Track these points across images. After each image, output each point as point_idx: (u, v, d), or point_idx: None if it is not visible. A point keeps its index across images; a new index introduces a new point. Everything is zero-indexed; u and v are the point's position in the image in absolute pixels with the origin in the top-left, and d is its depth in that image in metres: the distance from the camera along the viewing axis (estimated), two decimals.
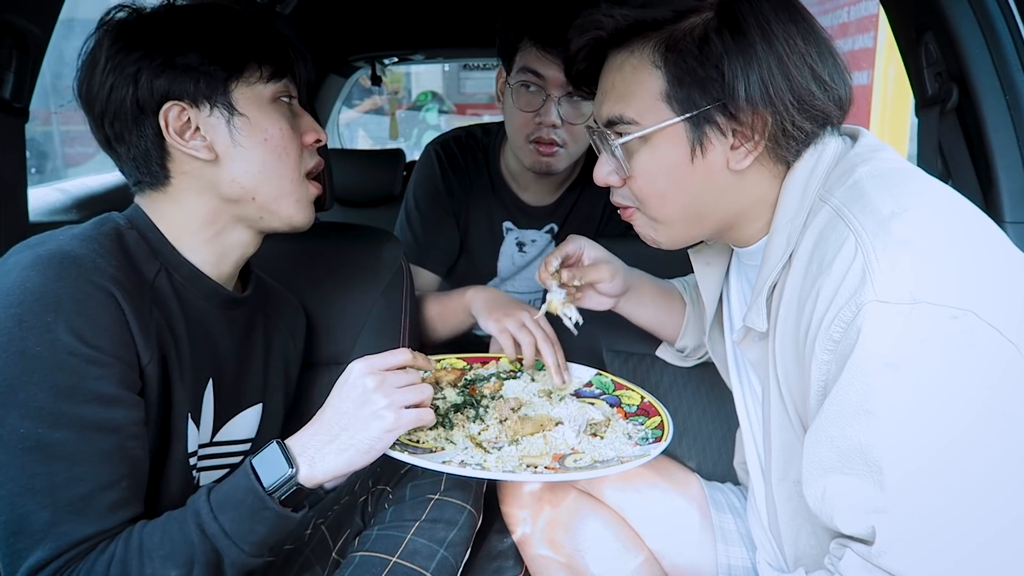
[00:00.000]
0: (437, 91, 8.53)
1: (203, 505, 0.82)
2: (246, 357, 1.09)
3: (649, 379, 1.37)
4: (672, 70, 0.82)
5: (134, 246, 0.90)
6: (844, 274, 0.72)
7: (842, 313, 0.71)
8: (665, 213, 0.89)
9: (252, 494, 0.82)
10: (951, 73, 1.26)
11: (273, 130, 0.95)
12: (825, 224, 0.79)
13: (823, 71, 0.81)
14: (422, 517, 1.00)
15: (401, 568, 0.96)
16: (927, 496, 0.68)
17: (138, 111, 0.89)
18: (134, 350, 0.83)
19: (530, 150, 1.55)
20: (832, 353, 0.73)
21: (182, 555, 0.80)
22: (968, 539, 0.68)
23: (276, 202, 0.97)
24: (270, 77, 0.95)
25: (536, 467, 0.97)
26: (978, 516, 0.67)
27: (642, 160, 0.87)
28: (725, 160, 0.84)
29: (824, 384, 0.75)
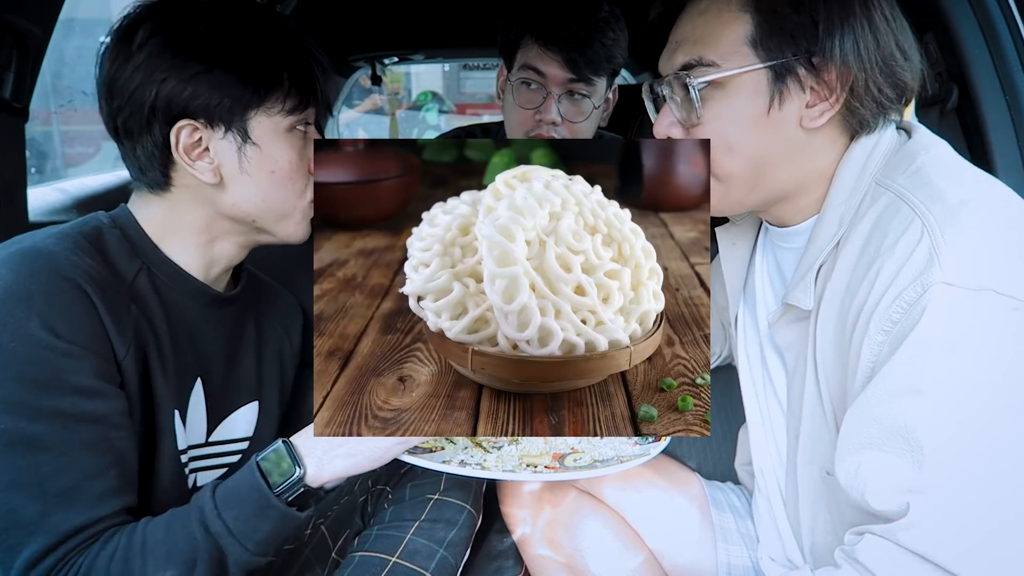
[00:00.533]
0: (437, 91, 8.52)
1: (207, 502, 0.82)
2: (237, 355, 1.08)
3: None
4: (763, 14, 0.81)
5: (114, 245, 0.90)
6: (908, 256, 0.72)
7: (905, 294, 0.71)
8: (729, 168, 0.86)
9: (257, 492, 0.82)
10: (951, 73, 1.26)
11: (283, 162, 0.93)
12: (885, 208, 0.78)
13: (904, 42, 0.82)
14: (422, 517, 1.00)
15: (401, 568, 0.96)
16: (964, 480, 0.69)
17: (153, 116, 0.88)
18: (108, 343, 0.83)
19: None
20: (887, 334, 0.73)
21: (185, 552, 0.79)
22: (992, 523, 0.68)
23: (275, 224, 0.97)
24: (292, 109, 0.93)
25: (536, 467, 0.97)
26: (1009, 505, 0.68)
27: (716, 107, 0.84)
28: (799, 117, 0.83)
29: (873, 365, 0.75)
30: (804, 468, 0.91)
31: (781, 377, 0.98)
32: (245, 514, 0.81)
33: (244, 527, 0.81)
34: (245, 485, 0.83)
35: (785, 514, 0.99)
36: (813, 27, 0.79)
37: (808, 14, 0.80)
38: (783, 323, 0.92)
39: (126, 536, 0.80)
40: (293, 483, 0.83)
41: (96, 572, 0.76)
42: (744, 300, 1.08)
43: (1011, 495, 0.68)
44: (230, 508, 0.81)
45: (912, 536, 0.69)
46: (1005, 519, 0.68)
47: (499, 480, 1.18)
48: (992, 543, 0.68)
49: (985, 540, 0.68)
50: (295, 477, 0.83)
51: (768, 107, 0.82)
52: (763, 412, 1.03)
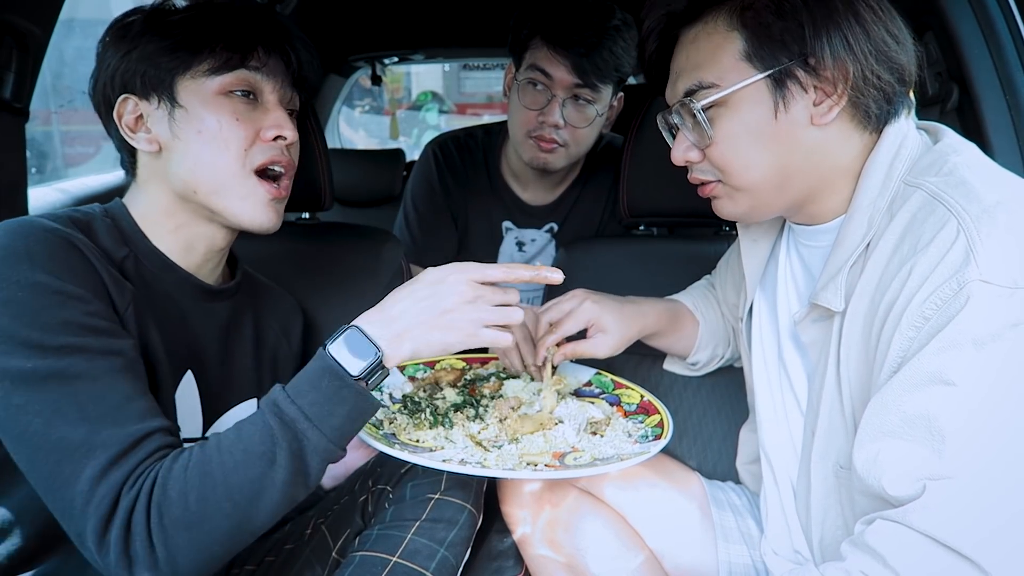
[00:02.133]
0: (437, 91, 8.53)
1: (279, 394, 0.80)
2: (233, 351, 1.09)
3: (649, 379, 1.37)
4: (751, 28, 0.84)
5: (103, 230, 0.92)
6: (944, 254, 0.73)
7: (940, 290, 0.72)
8: (749, 179, 0.89)
9: (329, 375, 0.81)
10: (951, 73, 1.26)
11: (210, 122, 0.94)
12: (919, 207, 0.80)
13: (894, 27, 0.84)
14: (422, 517, 1.00)
15: (401, 568, 0.96)
16: (983, 469, 0.70)
17: (108, 105, 0.95)
18: (108, 295, 0.84)
19: (530, 145, 1.55)
20: (918, 330, 0.74)
21: (263, 445, 0.77)
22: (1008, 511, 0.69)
23: (217, 196, 0.96)
24: (214, 70, 0.94)
25: (536, 465, 0.97)
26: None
27: (725, 124, 0.87)
28: (809, 116, 0.85)
29: (901, 359, 0.76)
30: (818, 463, 0.91)
31: (800, 374, 0.99)
32: (321, 399, 0.80)
33: (320, 411, 0.79)
34: (316, 372, 0.81)
35: (795, 508, 0.99)
36: (800, 31, 0.82)
37: (794, 19, 0.82)
38: (808, 321, 0.93)
39: (197, 448, 0.78)
40: (373, 365, 0.82)
41: (174, 480, 0.74)
42: (763, 296, 1.08)
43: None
44: (304, 395, 0.80)
45: (924, 518, 0.70)
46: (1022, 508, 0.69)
47: (499, 478, 1.18)
48: (1010, 531, 0.69)
49: (1004, 528, 0.69)
50: (374, 359, 0.82)
51: (775, 112, 0.84)
52: (778, 408, 1.04)
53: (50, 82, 3.82)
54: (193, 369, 1.00)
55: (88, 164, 4.76)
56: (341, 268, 1.43)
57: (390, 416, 1.10)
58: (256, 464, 0.77)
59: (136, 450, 0.76)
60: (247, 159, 0.96)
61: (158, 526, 0.73)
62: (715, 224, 1.56)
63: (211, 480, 0.75)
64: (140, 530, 0.73)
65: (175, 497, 0.74)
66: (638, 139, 1.47)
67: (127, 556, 0.73)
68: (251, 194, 0.97)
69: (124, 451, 0.75)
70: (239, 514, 0.76)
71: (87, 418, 0.75)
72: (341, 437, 0.82)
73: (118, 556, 0.72)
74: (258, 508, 0.77)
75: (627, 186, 1.48)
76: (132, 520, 0.73)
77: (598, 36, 1.44)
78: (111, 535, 0.72)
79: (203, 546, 0.75)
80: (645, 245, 1.55)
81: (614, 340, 1.14)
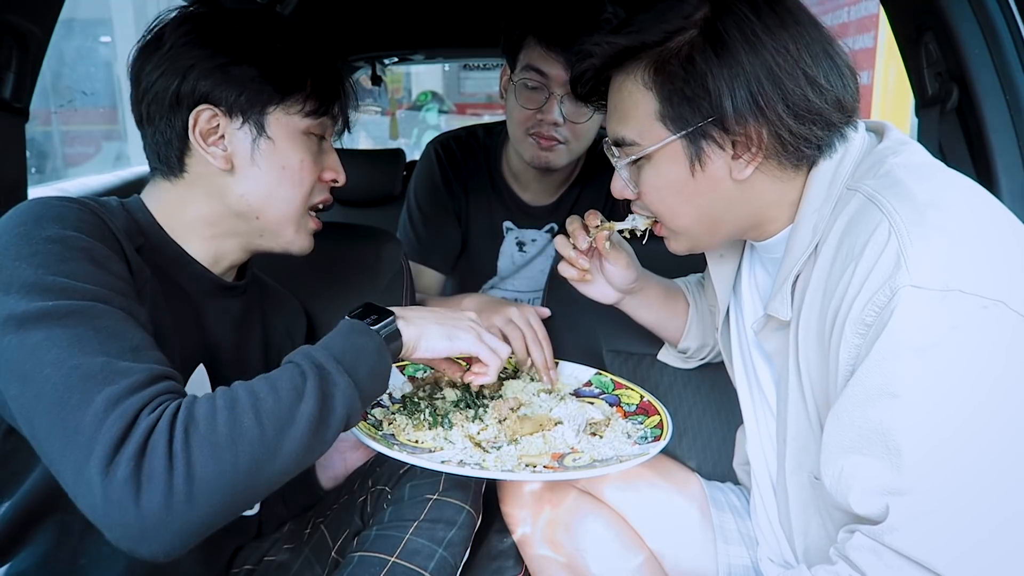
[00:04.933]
0: (437, 91, 8.53)
1: (307, 347, 0.81)
2: (245, 349, 1.09)
3: (649, 379, 1.37)
4: (662, 91, 0.84)
5: (119, 220, 0.92)
6: (877, 258, 0.72)
7: (876, 297, 0.71)
8: (679, 225, 0.92)
9: (354, 330, 0.85)
10: (951, 73, 1.26)
11: (294, 160, 0.97)
12: (856, 210, 0.79)
13: (818, 74, 0.80)
14: (421, 517, 1.00)
15: (400, 568, 0.96)
16: (943, 481, 0.69)
17: (175, 102, 0.93)
18: (127, 261, 0.86)
19: (530, 143, 1.55)
20: (863, 337, 0.73)
21: (292, 380, 0.76)
22: (978, 525, 0.68)
23: (278, 226, 1.00)
24: (310, 112, 0.98)
25: (535, 466, 0.97)
26: (990, 503, 0.68)
27: (648, 177, 0.90)
28: (728, 171, 0.85)
29: (852, 368, 0.75)
30: (793, 473, 0.91)
31: (770, 383, 0.99)
32: (349, 348, 0.82)
33: (349, 360, 0.81)
34: (342, 329, 0.85)
35: (778, 517, 0.99)
36: (707, 94, 0.80)
37: (700, 83, 0.80)
38: (767, 332, 0.93)
39: (220, 390, 0.75)
40: (389, 321, 0.89)
41: (199, 405, 0.71)
42: (736, 306, 1.09)
43: (1000, 497, 0.68)
44: (334, 345, 0.82)
45: (897, 539, 0.69)
46: (995, 523, 0.68)
47: (498, 480, 1.18)
48: (985, 548, 0.68)
49: (979, 545, 0.68)
50: (391, 320, 0.89)
51: (691, 170, 0.85)
52: (756, 416, 1.04)
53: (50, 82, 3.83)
54: (205, 362, 1.00)
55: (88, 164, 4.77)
56: (341, 268, 1.43)
57: (389, 417, 1.10)
58: (286, 396, 0.75)
59: (157, 384, 0.72)
60: (311, 197, 1.02)
61: (182, 442, 0.68)
62: None
63: (241, 405, 0.72)
64: (160, 446, 0.67)
65: (202, 417, 0.70)
66: None
67: (136, 479, 0.65)
68: (304, 227, 1.03)
69: (145, 382, 0.71)
70: (265, 445, 0.72)
71: (107, 351, 0.72)
72: (365, 389, 0.82)
73: (126, 477, 0.65)
74: (283, 444, 0.73)
75: None
76: (152, 436, 0.67)
77: (591, 31, 1.44)
78: (123, 454, 0.66)
79: (224, 474, 0.69)
80: (645, 245, 1.55)
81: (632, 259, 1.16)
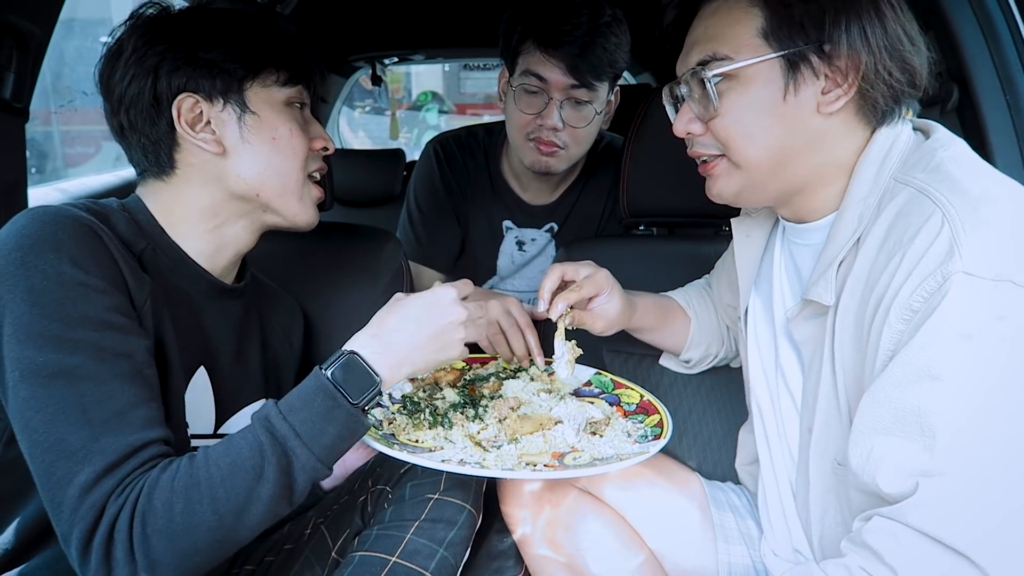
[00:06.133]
0: (437, 91, 8.53)
1: (271, 410, 0.82)
2: (245, 351, 1.09)
3: (649, 379, 1.37)
4: (772, 7, 0.84)
5: (122, 223, 0.93)
6: (928, 246, 0.74)
7: (926, 283, 0.73)
8: (750, 155, 0.89)
9: (323, 394, 0.82)
10: (951, 73, 1.26)
11: (283, 130, 0.99)
12: (906, 202, 0.81)
13: (911, 30, 0.85)
14: (422, 517, 1.00)
15: (401, 568, 0.96)
16: (974, 465, 0.70)
17: (154, 102, 0.94)
18: (125, 285, 0.85)
19: (530, 148, 1.55)
20: (907, 323, 0.75)
21: (251, 459, 0.78)
22: (1004, 506, 0.70)
23: (280, 199, 1.01)
24: (286, 82, 1.00)
25: (535, 465, 0.97)
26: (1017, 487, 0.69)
27: (733, 98, 0.88)
28: (816, 103, 0.85)
29: (892, 352, 0.76)
30: (816, 460, 0.92)
31: (795, 371, 0.99)
32: (312, 417, 0.81)
33: (310, 430, 0.80)
34: (311, 390, 0.83)
35: (795, 506, 0.99)
36: (821, 16, 0.82)
37: (816, 4, 0.82)
38: (800, 319, 0.93)
39: (187, 459, 0.78)
40: (374, 392, 0.86)
41: (160, 491, 0.75)
42: (757, 295, 1.08)
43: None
44: (296, 413, 0.81)
45: (919, 516, 0.70)
46: (1019, 505, 0.69)
47: (498, 479, 1.18)
48: (1008, 529, 0.69)
49: (1001, 525, 0.69)
50: (375, 386, 0.85)
51: (784, 94, 0.85)
52: (775, 406, 1.04)
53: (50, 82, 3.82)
54: (206, 365, 1.01)
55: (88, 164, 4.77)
56: (341, 268, 1.44)
57: (389, 416, 1.10)
58: (243, 478, 0.77)
59: (130, 460, 0.77)
60: (307, 166, 1.03)
61: (140, 535, 0.74)
62: (715, 224, 1.56)
63: (197, 492, 0.76)
64: (122, 538, 0.74)
65: (160, 507, 0.75)
66: (638, 139, 1.46)
67: (107, 565, 0.73)
68: (307, 195, 1.04)
69: (119, 460, 0.76)
70: (223, 527, 0.77)
71: (89, 422, 0.76)
72: (330, 456, 0.83)
73: (99, 563, 0.73)
74: (242, 522, 0.78)
75: (627, 186, 1.48)
76: (115, 528, 0.74)
77: (590, 35, 1.44)
78: (95, 542, 0.73)
79: (185, 556, 0.76)
80: (645, 245, 1.55)
81: (613, 315, 1.15)
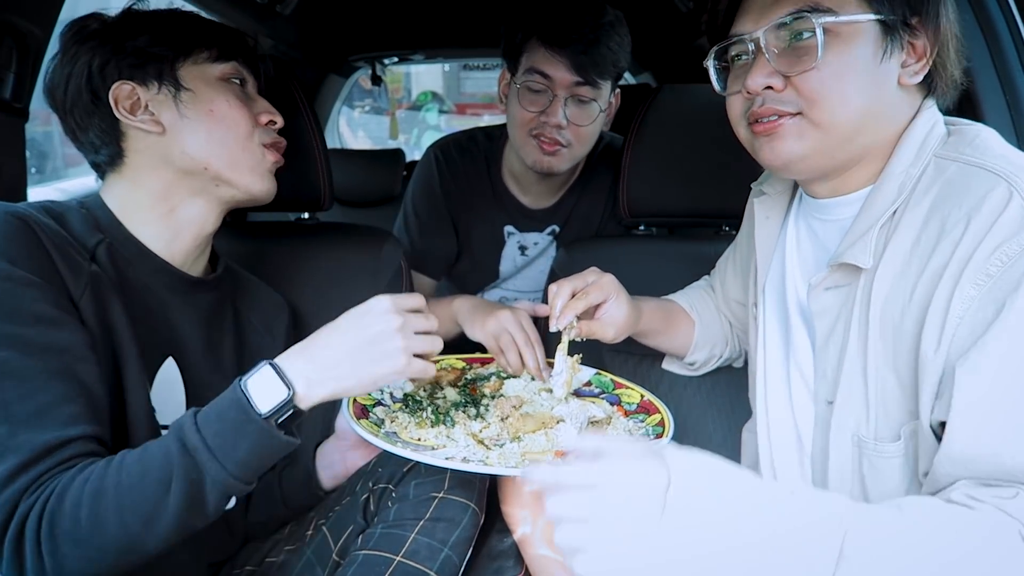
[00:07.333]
0: (437, 91, 8.53)
1: (187, 420, 0.80)
2: (217, 344, 1.10)
3: (649, 379, 1.37)
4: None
5: (77, 220, 0.93)
6: (998, 214, 0.76)
7: (1002, 249, 0.74)
8: (837, 114, 0.86)
9: (236, 407, 0.80)
10: None
11: (219, 102, 1.01)
12: (957, 175, 0.83)
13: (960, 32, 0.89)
14: (425, 516, 1.00)
15: (404, 567, 0.96)
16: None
17: (92, 97, 0.96)
18: (59, 277, 0.85)
19: (533, 147, 1.54)
20: (980, 288, 0.75)
21: (161, 470, 0.76)
22: None
23: (230, 170, 1.02)
24: (216, 58, 1.01)
25: (539, 463, 0.96)
26: None
27: (835, 52, 0.85)
28: (898, 74, 0.87)
29: (961, 319, 0.76)
30: (836, 433, 0.91)
31: (807, 349, 0.99)
32: (224, 430, 0.79)
33: (223, 443, 0.78)
34: (226, 402, 0.81)
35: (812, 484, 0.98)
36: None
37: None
38: (822, 288, 0.93)
39: (104, 462, 0.78)
40: (283, 404, 0.81)
41: (71, 493, 0.75)
42: (768, 271, 1.09)
43: None
44: (210, 425, 0.79)
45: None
46: None
47: (500, 478, 1.18)
48: None
49: None
50: (285, 398, 0.81)
51: (879, 57, 0.85)
52: (789, 385, 1.03)
53: None
54: (175, 356, 1.01)
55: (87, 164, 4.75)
56: (341, 268, 1.43)
57: (391, 415, 1.10)
58: (150, 488, 0.76)
59: (48, 458, 0.76)
60: (254, 136, 1.04)
61: (48, 536, 0.73)
62: (715, 224, 1.56)
63: (104, 498, 0.75)
64: (31, 538, 0.73)
65: (68, 510, 0.74)
66: (638, 139, 1.47)
67: (18, 563, 0.73)
68: (260, 163, 1.05)
69: (35, 457, 0.75)
70: (128, 536, 0.76)
71: (9, 418, 0.76)
72: (243, 472, 0.80)
73: (10, 560, 0.73)
74: (149, 532, 0.77)
75: (627, 186, 1.49)
76: (25, 527, 0.73)
77: (595, 33, 1.44)
78: (7, 539, 0.73)
79: (91, 561, 0.75)
80: (645, 245, 1.56)
81: (621, 320, 1.15)
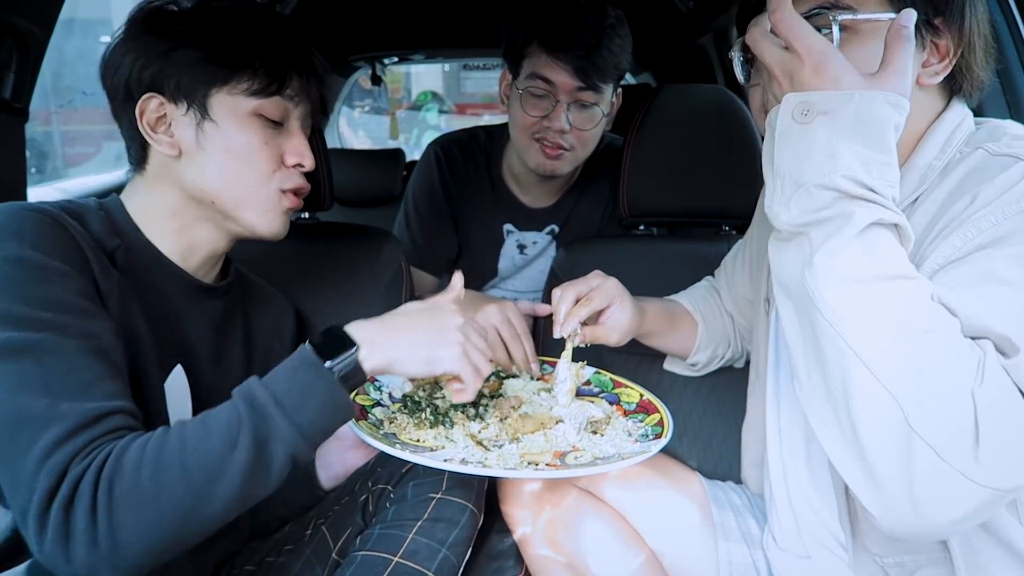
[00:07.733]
0: (437, 91, 8.53)
1: (253, 381, 0.78)
2: (226, 348, 1.09)
3: (649, 378, 1.37)
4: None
5: (96, 222, 0.93)
6: (1007, 188, 0.75)
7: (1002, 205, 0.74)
8: None
9: (305, 365, 0.79)
10: None
11: (239, 141, 0.95)
12: (979, 161, 0.82)
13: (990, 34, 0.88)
14: (424, 516, 1.00)
15: (403, 568, 0.96)
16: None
17: (127, 95, 0.94)
18: (91, 271, 0.85)
19: (536, 150, 1.54)
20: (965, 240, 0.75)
21: (227, 427, 0.74)
22: None
23: (236, 209, 0.98)
24: (255, 93, 0.96)
25: (537, 464, 0.97)
26: None
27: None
28: (916, 74, 0.86)
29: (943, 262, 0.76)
30: None
31: None
32: (294, 388, 0.77)
33: (292, 400, 0.77)
34: (294, 361, 0.80)
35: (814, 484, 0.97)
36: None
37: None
38: None
39: (161, 429, 0.75)
40: (348, 357, 0.81)
41: (129, 455, 0.71)
42: None
43: None
44: (278, 383, 0.78)
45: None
46: None
47: (500, 477, 1.18)
48: None
49: None
50: (351, 352, 0.81)
51: None
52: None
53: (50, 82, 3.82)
54: (183, 363, 1.01)
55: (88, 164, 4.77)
56: (341, 268, 1.44)
57: (390, 416, 1.10)
58: (216, 444, 0.73)
59: (95, 426, 0.73)
60: (273, 180, 1.00)
61: (105, 498, 0.69)
62: (715, 224, 1.56)
63: (168, 457, 0.72)
64: (86, 503, 0.69)
65: (128, 470, 0.71)
66: (638, 139, 1.46)
67: (65, 531, 0.68)
68: (273, 207, 1.01)
69: (83, 424, 0.72)
70: (192, 497, 0.72)
71: (51, 391, 0.73)
72: (311, 430, 0.78)
73: (56, 530, 0.68)
74: (213, 493, 0.73)
75: (627, 186, 1.49)
76: (77, 491, 0.69)
77: (596, 37, 1.43)
78: (53, 506, 0.68)
79: (149, 526, 0.70)
80: (645, 245, 1.56)
81: (626, 324, 1.14)
